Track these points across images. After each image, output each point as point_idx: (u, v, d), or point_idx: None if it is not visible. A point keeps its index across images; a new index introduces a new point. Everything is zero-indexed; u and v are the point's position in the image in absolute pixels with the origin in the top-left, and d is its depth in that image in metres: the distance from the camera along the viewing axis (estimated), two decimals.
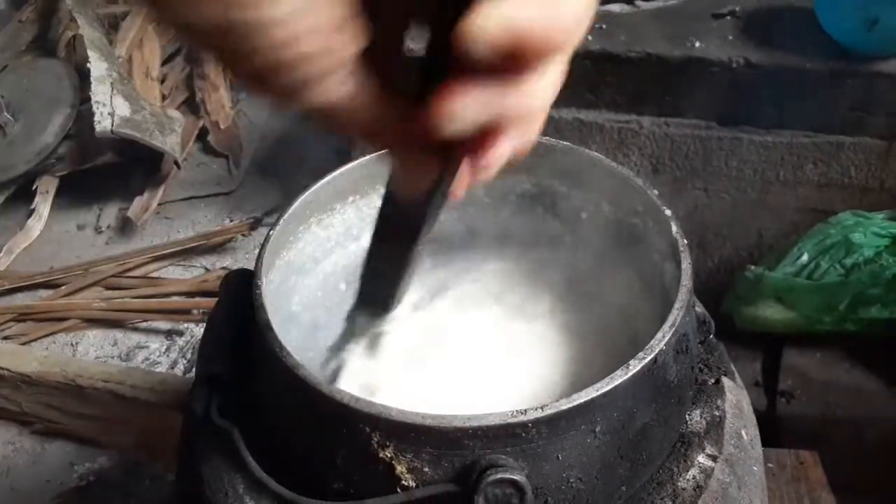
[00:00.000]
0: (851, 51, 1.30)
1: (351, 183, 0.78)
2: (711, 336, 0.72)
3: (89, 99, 1.81)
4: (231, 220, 1.92)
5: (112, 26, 2.24)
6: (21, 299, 1.74)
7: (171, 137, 1.91)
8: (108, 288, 1.74)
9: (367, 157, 0.77)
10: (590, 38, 1.39)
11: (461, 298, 0.73)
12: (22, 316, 1.67)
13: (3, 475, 1.40)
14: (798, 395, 1.27)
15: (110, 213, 1.98)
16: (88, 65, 1.87)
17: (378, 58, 0.31)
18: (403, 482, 0.52)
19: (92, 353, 1.62)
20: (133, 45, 2.17)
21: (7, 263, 1.85)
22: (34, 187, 1.98)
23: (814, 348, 1.32)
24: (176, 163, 1.96)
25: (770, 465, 1.09)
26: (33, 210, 1.95)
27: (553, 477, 0.53)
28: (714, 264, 1.53)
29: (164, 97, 2.17)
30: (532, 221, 0.80)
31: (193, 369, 1.51)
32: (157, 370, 1.55)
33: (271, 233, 0.67)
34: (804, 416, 1.25)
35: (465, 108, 0.29)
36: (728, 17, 1.43)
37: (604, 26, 1.41)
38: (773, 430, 1.25)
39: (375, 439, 0.52)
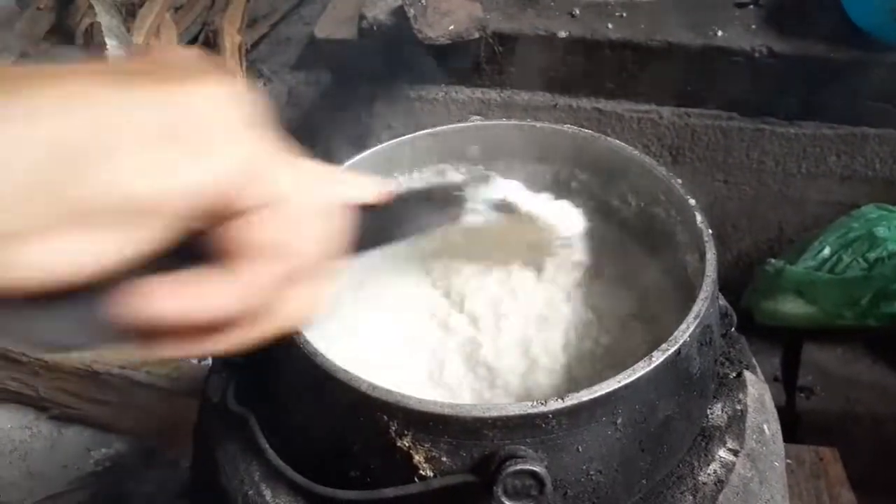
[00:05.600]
0: (877, 40, 1.27)
1: (366, 170, 0.77)
2: (733, 329, 0.71)
3: None
4: None
5: (129, 14, 2.24)
6: None
7: None
8: None
9: (382, 144, 0.77)
10: (610, 26, 1.37)
11: (480, 286, 0.72)
12: None
13: (20, 459, 1.41)
14: (818, 390, 1.25)
15: None
16: (106, 52, 1.87)
17: None
18: (421, 472, 0.51)
19: None
20: (150, 32, 2.17)
21: None
22: None
23: (834, 343, 1.30)
24: None
25: (789, 461, 1.08)
26: None
27: (573, 469, 0.52)
28: (733, 257, 1.52)
29: None
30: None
31: (209, 357, 1.51)
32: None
33: None
34: (824, 411, 1.23)
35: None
36: (751, 6, 1.41)
37: (625, 14, 1.39)
38: (792, 426, 1.23)
39: (393, 428, 0.51)
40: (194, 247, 0.33)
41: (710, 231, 0.63)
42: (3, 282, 0.27)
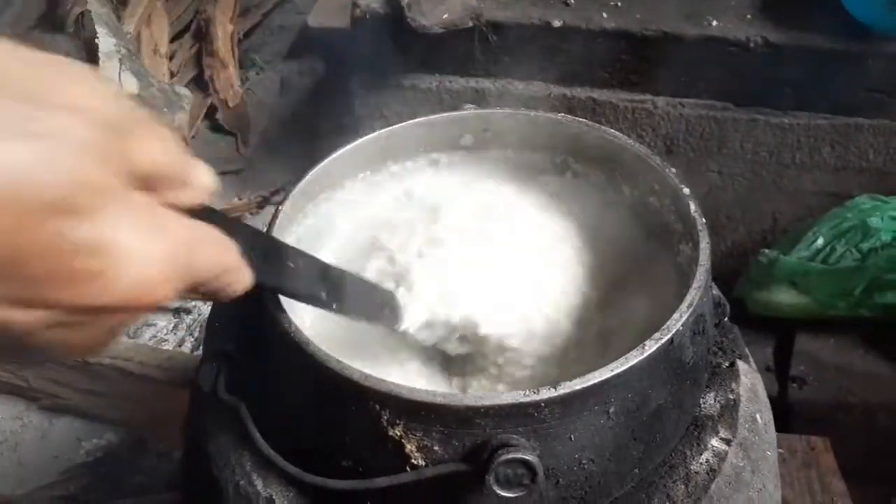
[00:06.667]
0: (873, 31, 1.27)
1: (360, 158, 0.76)
2: (726, 319, 0.71)
3: None
4: (239, 199, 1.91)
5: (121, 2, 2.22)
6: None
7: (180, 114, 1.89)
8: None
9: (376, 133, 0.76)
10: (605, 15, 1.36)
11: (476, 275, 0.71)
12: None
13: (10, 450, 1.40)
14: (810, 380, 1.25)
15: None
16: (97, 40, 1.85)
17: None
18: (413, 461, 0.51)
19: None
20: (141, 21, 2.15)
21: None
22: None
23: (827, 334, 1.30)
24: (184, 140, 1.95)
25: (781, 450, 1.08)
26: None
27: (565, 457, 0.52)
28: (727, 248, 1.51)
29: (172, 74, 2.15)
30: (547, 199, 0.78)
31: (201, 347, 1.51)
32: (165, 347, 1.54)
33: (280, 208, 0.66)
34: (816, 401, 1.24)
35: None
36: None
37: (619, 4, 1.39)
38: (784, 416, 1.24)
39: (385, 417, 0.51)
40: None
41: (704, 220, 0.63)
42: None
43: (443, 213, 0.72)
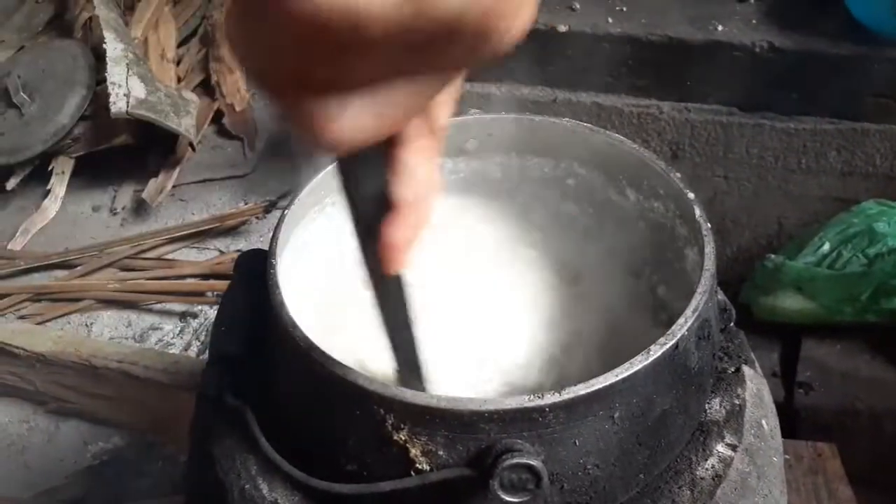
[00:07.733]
0: (879, 35, 1.27)
1: None
2: (732, 324, 0.70)
3: (105, 80, 1.81)
4: (245, 203, 1.91)
5: (128, 7, 2.23)
6: (36, 279, 1.75)
7: (187, 119, 1.90)
8: (122, 269, 1.74)
9: None
10: (610, 20, 1.36)
11: (486, 281, 0.72)
12: (37, 296, 1.68)
13: (17, 453, 1.41)
14: (817, 386, 1.25)
15: (125, 195, 1.98)
16: (104, 45, 1.86)
17: None
18: (417, 465, 0.51)
19: (106, 333, 1.62)
20: (149, 26, 2.16)
21: (23, 244, 1.86)
22: (50, 168, 1.98)
23: (834, 339, 1.30)
24: (191, 145, 1.96)
25: (787, 456, 1.07)
26: (49, 191, 1.95)
27: (570, 463, 0.52)
28: (733, 253, 1.51)
29: (179, 79, 2.16)
30: (551, 204, 0.78)
31: (207, 351, 1.51)
32: (171, 351, 1.55)
33: (286, 212, 0.66)
34: (823, 407, 1.23)
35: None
36: (752, 0, 1.41)
37: (624, 9, 1.39)
38: (790, 422, 1.23)
39: (389, 422, 0.51)
40: None
41: (709, 225, 0.63)
42: None
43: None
